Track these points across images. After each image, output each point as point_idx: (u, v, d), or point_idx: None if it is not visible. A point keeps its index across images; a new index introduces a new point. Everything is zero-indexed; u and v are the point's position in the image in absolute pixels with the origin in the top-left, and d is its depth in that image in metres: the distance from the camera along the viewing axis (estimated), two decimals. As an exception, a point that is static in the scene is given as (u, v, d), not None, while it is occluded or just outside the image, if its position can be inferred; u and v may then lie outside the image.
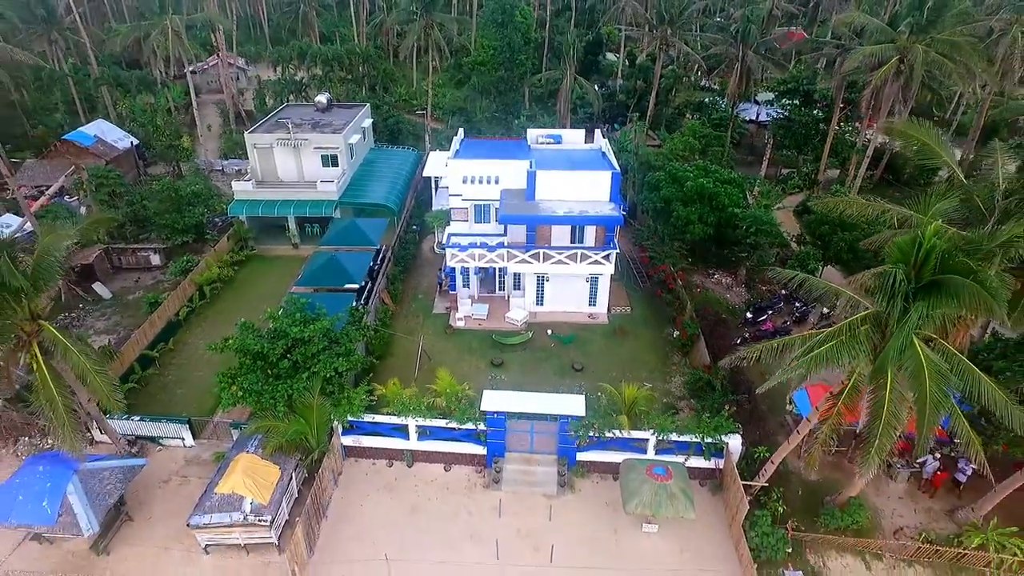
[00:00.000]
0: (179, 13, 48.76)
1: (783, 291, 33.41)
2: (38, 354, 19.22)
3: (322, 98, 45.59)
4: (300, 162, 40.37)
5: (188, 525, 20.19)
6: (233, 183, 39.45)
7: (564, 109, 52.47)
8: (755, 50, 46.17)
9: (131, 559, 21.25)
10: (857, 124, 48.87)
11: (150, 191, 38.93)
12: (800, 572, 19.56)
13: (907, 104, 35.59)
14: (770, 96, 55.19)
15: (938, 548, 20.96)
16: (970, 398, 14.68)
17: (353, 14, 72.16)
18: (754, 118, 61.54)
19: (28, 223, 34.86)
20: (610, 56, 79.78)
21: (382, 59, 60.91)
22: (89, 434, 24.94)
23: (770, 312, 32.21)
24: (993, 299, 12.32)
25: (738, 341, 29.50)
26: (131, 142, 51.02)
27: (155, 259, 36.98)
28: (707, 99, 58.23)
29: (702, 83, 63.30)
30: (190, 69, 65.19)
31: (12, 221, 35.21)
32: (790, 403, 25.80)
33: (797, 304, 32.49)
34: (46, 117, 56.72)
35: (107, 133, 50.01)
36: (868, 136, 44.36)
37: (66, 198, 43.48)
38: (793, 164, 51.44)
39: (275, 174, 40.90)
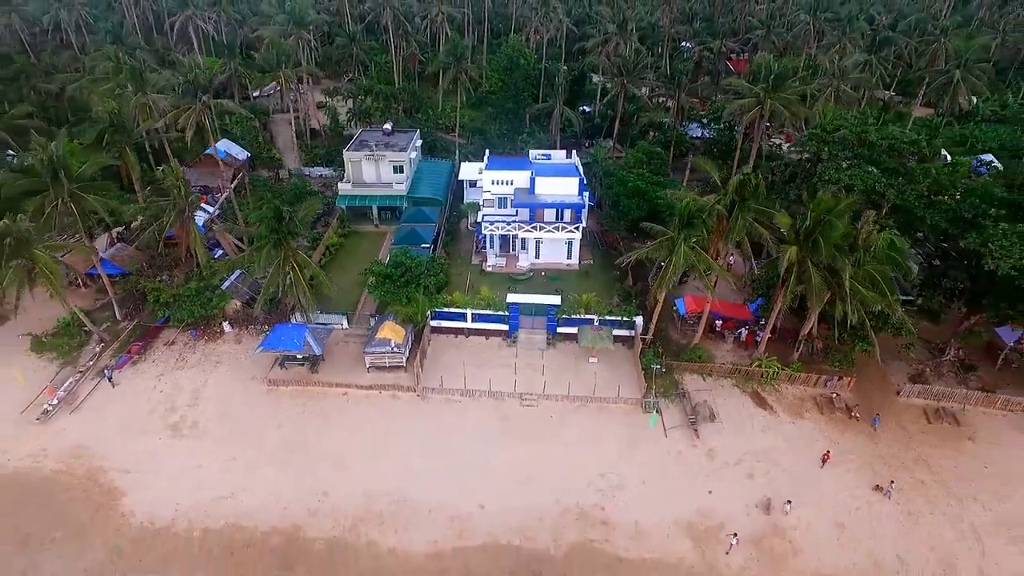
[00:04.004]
0: (289, 67, 68.92)
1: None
2: (296, 267, 39.82)
3: (388, 126, 66.14)
4: (379, 170, 60.88)
5: (364, 352, 40.95)
6: (339, 184, 59.86)
7: (555, 129, 73.08)
8: (686, 92, 66.77)
9: (331, 375, 41.91)
10: (776, 141, 69.20)
11: (284, 189, 59.24)
12: (662, 366, 40.07)
13: (785, 131, 55.47)
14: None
15: (737, 368, 41.71)
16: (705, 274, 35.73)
17: (392, 46, 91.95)
18: (699, 135, 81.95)
19: (216, 211, 55.51)
20: (594, 78, 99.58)
21: (420, 92, 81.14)
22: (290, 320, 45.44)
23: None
24: (707, 228, 33.17)
25: (649, 277, 50.43)
26: (246, 155, 71.41)
27: (291, 233, 57.36)
28: (665, 121, 78.53)
29: (666, 104, 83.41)
30: (267, 92, 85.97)
31: (209, 208, 55.66)
32: (674, 306, 46.57)
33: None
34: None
35: (231, 148, 70.35)
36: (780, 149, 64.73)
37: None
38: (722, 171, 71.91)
39: (361, 178, 61.37)
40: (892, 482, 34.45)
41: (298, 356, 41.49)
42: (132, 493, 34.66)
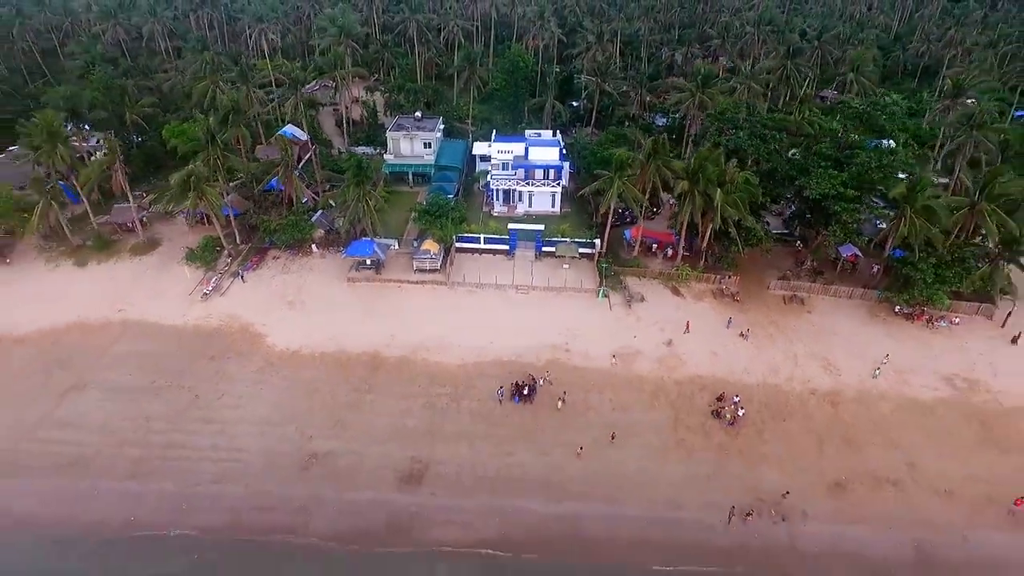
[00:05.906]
0: (342, 69, 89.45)
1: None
2: (368, 202, 60.31)
3: (418, 113, 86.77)
4: (413, 146, 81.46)
5: (412, 258, 61.56)
6: (384, 155, 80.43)
7: (547, 119, 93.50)
8: (647, 89, 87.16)
9: (389, 275, 62.38)
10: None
11: (345, 160, 79.68)
12: (611, 270, 60.41)
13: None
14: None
15: (662, 272, 62.09)
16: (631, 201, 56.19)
17: (417, 52, 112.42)
18: (662, 123, 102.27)
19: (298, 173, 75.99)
20: (582, 78, 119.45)
21: (439, 90, 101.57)
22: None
23: (626, 211, 73.11)
24: (631, 170, 53.53)
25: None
26: (306, 136, 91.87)
27: (349, 190, 77.97)
28: (633, 112, 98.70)
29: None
30: (314, 88, 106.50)
31: (290, 171, 76.02)
32: (624, 236, 66.98)
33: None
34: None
35: (294, 130, 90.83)
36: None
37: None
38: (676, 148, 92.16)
39: (399, 151, 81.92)
40: (748, 329, 54.95)
41: (368, 262, 61.98)
42: (271, 336, 55.25)
